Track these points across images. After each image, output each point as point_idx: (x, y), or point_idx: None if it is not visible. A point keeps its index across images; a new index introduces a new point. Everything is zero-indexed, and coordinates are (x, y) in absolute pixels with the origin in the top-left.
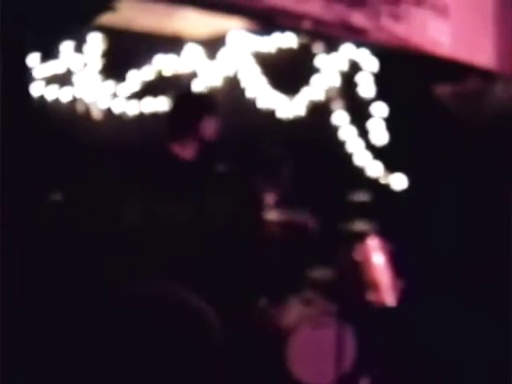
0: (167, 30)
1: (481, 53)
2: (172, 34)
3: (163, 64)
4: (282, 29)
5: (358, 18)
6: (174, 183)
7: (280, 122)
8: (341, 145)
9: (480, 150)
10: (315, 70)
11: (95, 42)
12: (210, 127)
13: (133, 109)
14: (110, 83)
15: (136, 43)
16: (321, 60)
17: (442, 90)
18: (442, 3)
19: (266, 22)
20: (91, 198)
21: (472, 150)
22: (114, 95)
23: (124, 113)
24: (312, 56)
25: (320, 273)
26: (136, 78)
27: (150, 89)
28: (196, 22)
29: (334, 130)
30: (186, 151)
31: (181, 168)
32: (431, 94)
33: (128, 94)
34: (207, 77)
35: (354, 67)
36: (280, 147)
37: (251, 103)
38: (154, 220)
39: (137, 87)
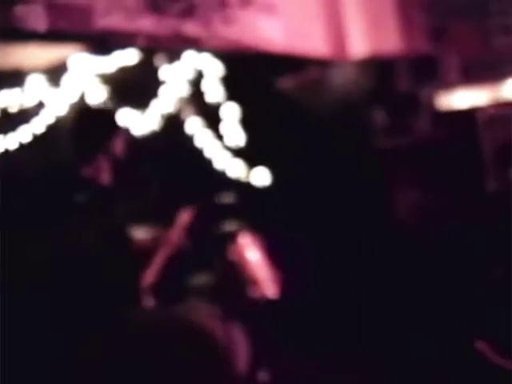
0: (6, 65)
1: (315, 43)
2: (12, 68)
3: (7, 100)
4: (119, 48)
5: (191, 28)
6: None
7: (136, 138)
8: (199, 151)
9: (329, 133)
10: (162, 82)
11: None
12: (119, 144)
13: None
14: None
15: None
16: (165, 71)
17: (284, 83)
18: (268, 2)
19: (101, 45)
20: None
21: (323, 137)
22: None
23: None
24: (156, 69)
25: (200, 279)
26: None
27: None
28: (35, 53)
29: (189, 137)
30: (101, 174)
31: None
32: (276, 89)
33: None
34: (54, 105)
35: (199, 74)
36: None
37: None
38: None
39: None
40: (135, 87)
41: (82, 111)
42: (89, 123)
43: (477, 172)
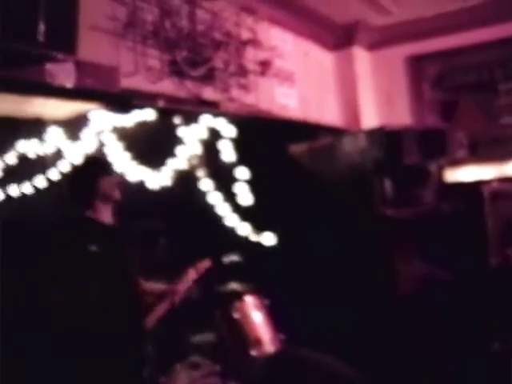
0: (28, 114)
1: (327, 113)
2: (33, 117)
3: (26, 148)
4: (139, 107)
5: (210, 92)
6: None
7: (149, 194)
8: (210, 210)
9: (336, 200)
10: (178, 142)
11: None
12: (109, 185)
13: None
14: None
15: None
16: (182, 131)
17: (296, 148)
18: (287, 71)
19: (123, 104)
20: None
21: (330, 203)
22: None
23: None
24: (173, 128)
25: (203, 336)
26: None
27: (15, 174)
28: (56, 105)
29: (201, 196)
30: (103, 215)
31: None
32: (287, 154)
33: None
34: (71, 157)
35: (214, 136)
36: (153, 219)
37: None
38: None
39: (0, 173)
40: (152, 145)
41: (75, 167)
42: (80, 169)
43: (480, 246)
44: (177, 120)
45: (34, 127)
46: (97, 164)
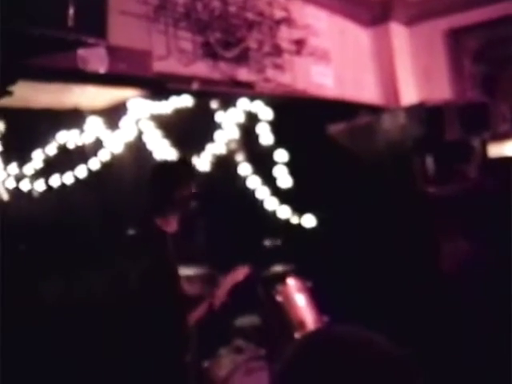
0: (66, 105)
1: (365, 91)
2: (71, 108)
3: (66, 139)
4: (175, 91)
5: (245, 74)
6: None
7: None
8: (249, 194)
9: (377, 179)
10: (216, 127)
11: None
12: (187, 196)
13: (40, 186)
14: (15, 164)
15: (36, 122)
16: (219, 116)
17: (335, 128)
18: (322, 50)
19: (158, 89)
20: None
21: (372, 182)
22: (20, 175)
23: (32, 191)
24: (211, 114)
25: (246, 320)
26: (40, 155)
27: (56, 164)
28: (93, 94)
29: (241, 180)
30: (171, 225)
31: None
32: (326, 135)
33: (33, 171)
34: (111, 146)
35: (252, 119)
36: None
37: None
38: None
39: (42, 164)
40: (190, 131)
41: (159, 164)
42: (165, 176)
43: None
44: (214, 105)
45: (73, 118)
46: (182, 169)
